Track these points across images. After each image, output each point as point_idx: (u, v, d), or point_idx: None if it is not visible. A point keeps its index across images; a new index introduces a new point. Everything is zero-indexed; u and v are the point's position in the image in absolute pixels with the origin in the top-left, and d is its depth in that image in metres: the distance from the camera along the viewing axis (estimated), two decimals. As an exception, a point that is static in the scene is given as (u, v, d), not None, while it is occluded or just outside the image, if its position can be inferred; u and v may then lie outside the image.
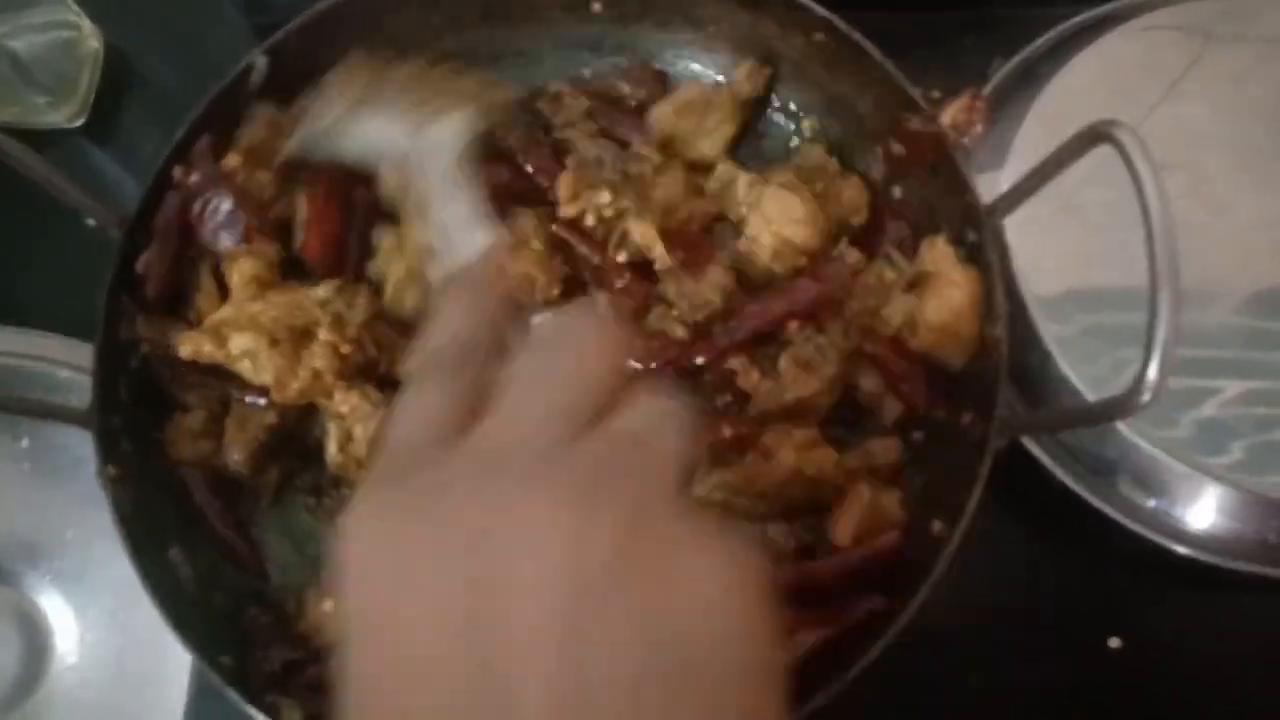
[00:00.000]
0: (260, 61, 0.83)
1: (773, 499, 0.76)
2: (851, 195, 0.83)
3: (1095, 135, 0.65)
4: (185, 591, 0.75)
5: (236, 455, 0.80)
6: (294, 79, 0.85)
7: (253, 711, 0.68)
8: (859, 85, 0.83)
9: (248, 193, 0.81)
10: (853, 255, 0.81)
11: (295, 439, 0.82)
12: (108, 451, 0.74)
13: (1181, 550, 0.81)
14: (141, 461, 0.77)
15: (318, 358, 0.75)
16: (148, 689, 0.97)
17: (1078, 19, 0.96)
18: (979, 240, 0.75)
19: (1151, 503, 0.83)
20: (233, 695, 0.68)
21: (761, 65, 0.88)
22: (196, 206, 0.79)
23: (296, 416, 0.81)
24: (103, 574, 1.02)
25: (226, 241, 0.79)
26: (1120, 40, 0.92)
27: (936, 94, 0.90)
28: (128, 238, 0.79)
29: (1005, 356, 0.72)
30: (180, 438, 0.80)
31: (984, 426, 0.71)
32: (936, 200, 0.80)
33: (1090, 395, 0.80)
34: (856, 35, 0.79)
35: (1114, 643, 0.86)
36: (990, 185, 0.81)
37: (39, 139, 1.10)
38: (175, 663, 0.94)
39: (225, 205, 0.79)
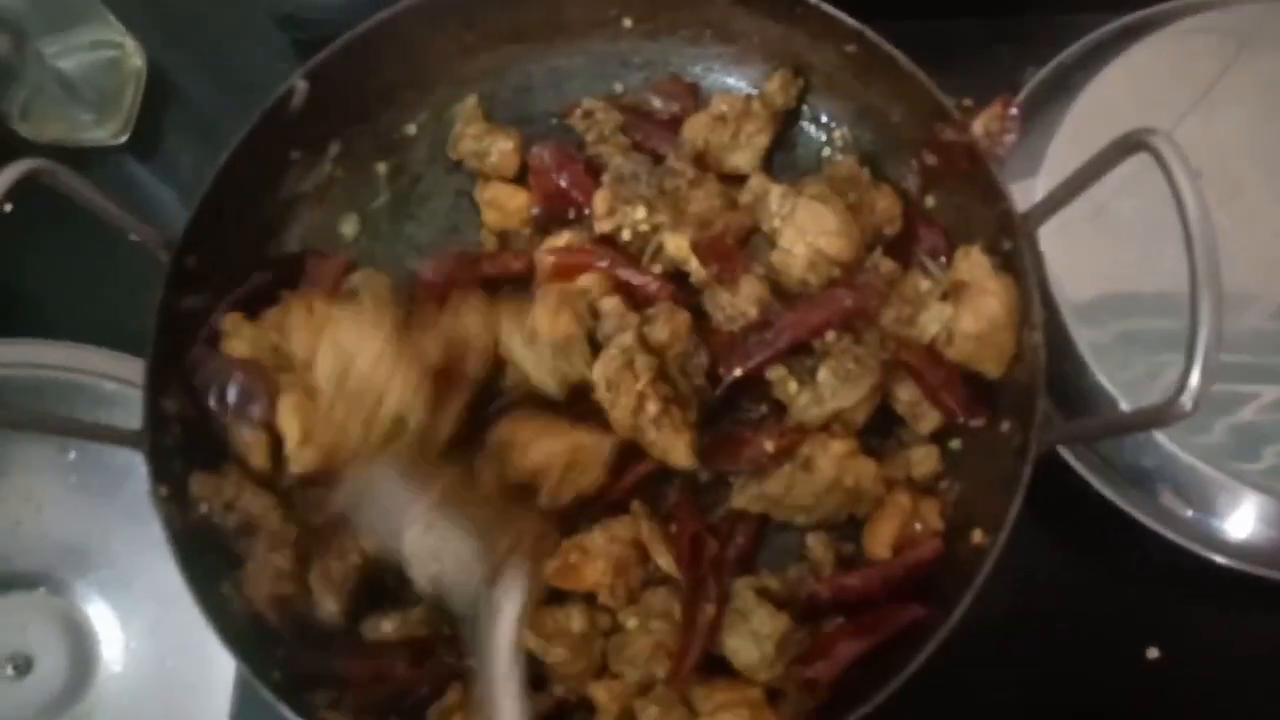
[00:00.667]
0: (301, 85, 0.85)
1: (811, 509, 0.76)
2: (885, 205, 0.84)
3: (1132, 144, 0.65)
4: (235, 609, 0.76)
5: (331, 607, 0.77)
6: (334, 104, 0.88)
7: (304, 725, 0.68)
8: (891, 95, 0.84)
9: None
10: (887, 265, 0.81)
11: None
12: (159, 471, 0.75)
13: (1220, 560, 0.81)
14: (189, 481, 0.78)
15: None
16: (192, 697, 0.99)
17: (1109, 27, 0.96)
18: (1014, 248, 0.75)
19: (1189, 512, 0.83)
20: (284, 711, 0.69)
21: (794, 76, 0.89)
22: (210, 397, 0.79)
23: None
24: (148, 583, 1.04)
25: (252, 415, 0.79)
26: (1151, 48, 0.92)
27: (968, 103, 0.89)
28: (175, 260, 0.80)
29: (1044, 364, 0.72)
30: (260, 575, 0.77)
31: (1023, 434, 0.71)
32: (971, 209, 0.81)
33: (1126, 403, 0.80)
34: (888, 46, 0.80)
35: (1152, 653, 0.85)
36: (1024, 193, 0.81)
37: (83, 155, 1.13)
38: (219, 671, 0.95)
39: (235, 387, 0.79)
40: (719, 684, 0.73)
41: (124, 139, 1.15)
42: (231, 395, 0.78)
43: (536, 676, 0.76)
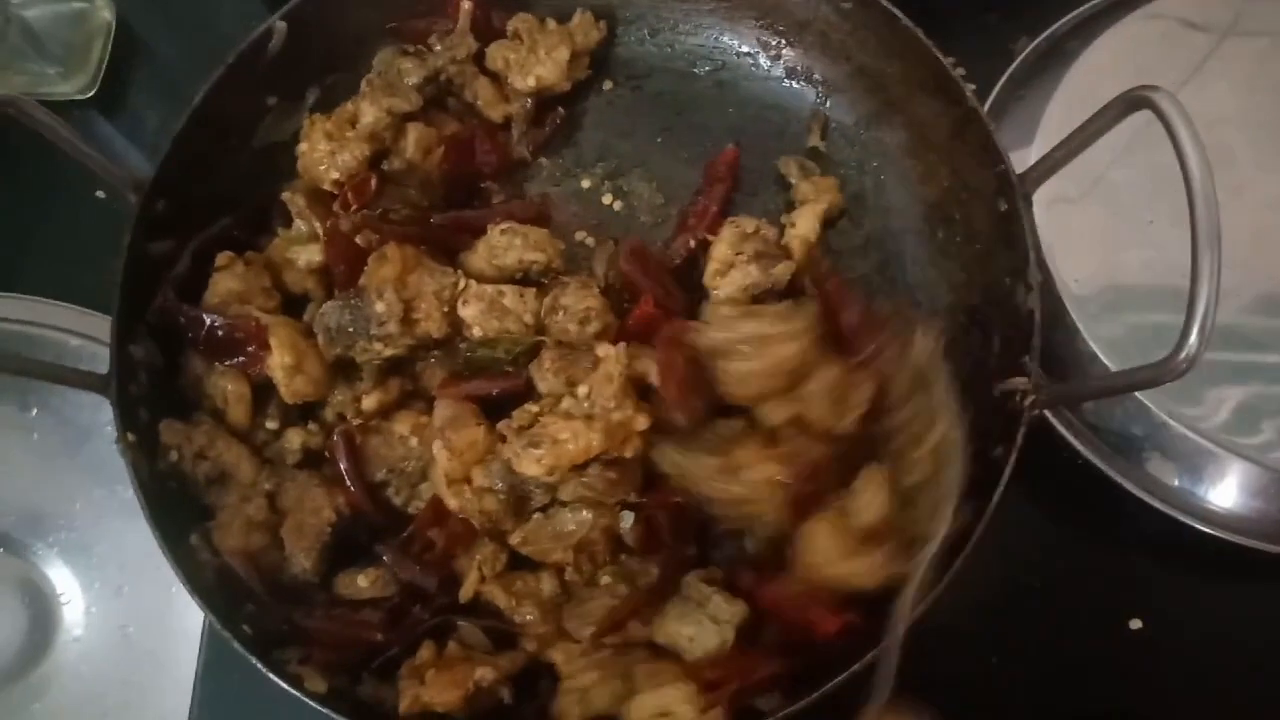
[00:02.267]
0: (280, 27, 0.82)
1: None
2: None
3: (1134, 101, 0.64)
4: (204, 559, 0.73)
5: (304, 562, 0.75)
6: (312, 50, 0.85)
7: (276, 679, 0.66)
8: (886, 55, 0.83)
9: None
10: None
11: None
12: (126, 418, 0.72)
13: (1205, 529, 0.81)
14: (156, 430, 0.75)
15: None
16: (155, 664, 0.96)
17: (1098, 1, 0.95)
18: (1011, 210, 0.74)
19: (1176, 481, 0.82)
20: (256, 664, 0.66)
21: (596, 20, 0.90)
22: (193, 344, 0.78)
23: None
24: (110, 548, 1.01)
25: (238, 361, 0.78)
26: (1144, 20, 0.91)
27: (960, 70, 0.89)
28: (144, 202, 0.77)
29: (1039, 326, 0.71)
30: (231, 526, 0.76)
31: (1018, 397, 0.70)
32: (967, 171, 0.80)
33: (1116, 369, 0.80)
34: (887, 3, 0.79)
35: (1135, 623, 0.85)
36: (1019, 162, 0.79)
37: (48, 109, 1.10)
38: (183, 637, 0.93)
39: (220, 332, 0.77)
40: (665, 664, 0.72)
41: (90, 94, 1.11)
42: (216, 341, 0.75)
43: (507, 635, 0.76)
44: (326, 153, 0.82)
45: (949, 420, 0.70)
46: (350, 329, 0.74)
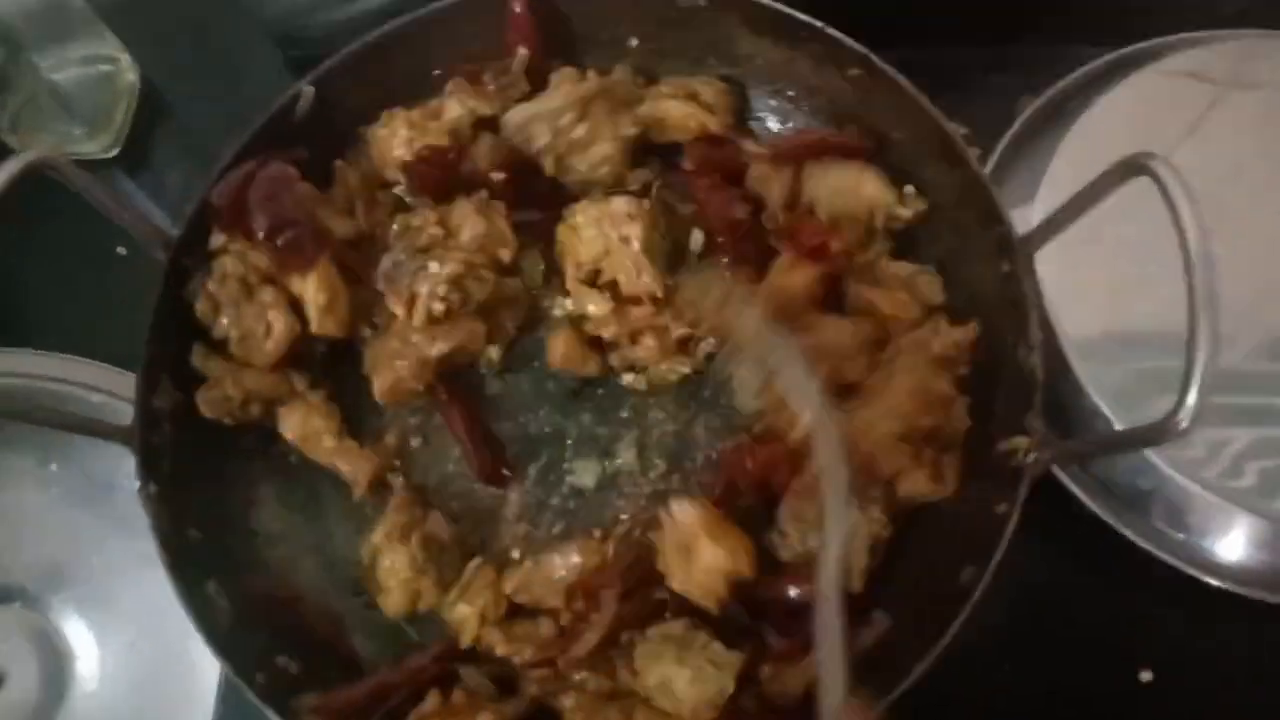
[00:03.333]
0: (307, 91, 0.85)
1: None
2: None
3: (1132, 168, 0.66)
4: (220, 611, 0.74)
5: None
6: (339, 113, 0.88)
7: (290, 731, 0.67)
8: (893, 120, 0.85)
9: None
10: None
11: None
12: (149, 469, 0.74)
13: (1213, 582, 0.82)
14: (182, 481, 0.77)
15: None
16: (170, 713, 0.96)
17: (1103, 59, 0.98)
18: (1012, 271, 0.76)
19: (1183, 535, 0.83)
20: (269, 715, 0.67)
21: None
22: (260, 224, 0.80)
23: None
24: (126, 602, 1.02)
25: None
26: (1144, 80, 0.94)
27: (965, 131, 0.91)
28: (173, 260, 0.79)
29: (1040, 384, 0.72)
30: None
31: (1020, 455, 0.71)
32: (968, 232, 0.81)
33: (1120, 425, 0.81)
34: (892, 71, 0.81)
35: (1145, 675, 0.86)
36: (1020, 220, 0.81)
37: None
38: (198, 693, 0.94)
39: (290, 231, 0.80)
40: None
41: (114, 153, 1.14)
42: (282, 235, 0.79)
43: (510, 680, 0.77)
44: (405, 138, 0.85)
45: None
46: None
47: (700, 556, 0.75)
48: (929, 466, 0.74)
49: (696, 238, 0.88)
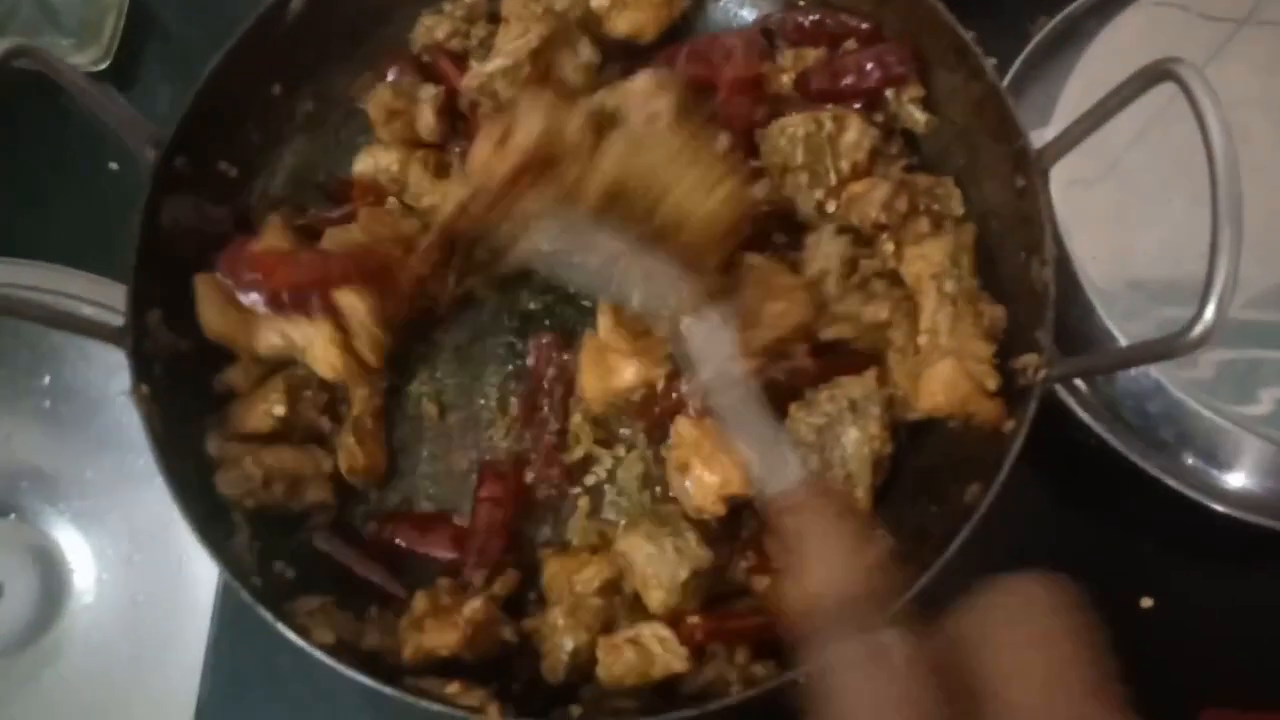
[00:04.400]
0: (298, -3, 0.82)
1: None
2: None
3: (1156, 74, 0.64)
4: (215, 507, 0.74)
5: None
6: (333, 17, 0.85)
7: (284, 630, 0.66)
8: (908, 27, 0.82)
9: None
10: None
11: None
12: (141, 372, 0.73)
13: (1219, 508, 0.80)
14: (173, 386, 0.76)
15: None
16: (165, 632, 0.96)
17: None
18: (1028, 186, 0.74)
19: (1189, 460, 0.82)
20: (264, 615, 0.67)
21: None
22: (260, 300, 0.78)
23: None
24: (121, 517, 1.01)
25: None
26: (1161, 5, 0.91)
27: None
28: (164, 157, 0.77)
29: (1053, 299, 0.71)
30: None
31: (1030, 372, 0.70)
32: (981, 146, 0.80)
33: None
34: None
35: (1146, 602, 0.85)
36: (1035, 142, 0.80)
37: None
38: (194, 606, 0.93)
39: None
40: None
41: (103, 67, 1.11)
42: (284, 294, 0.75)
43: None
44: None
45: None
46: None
47: (698, 476, 0.74)
48: (997, 400, 0.73)
49: (722, 140, 0.82)
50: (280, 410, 0.78)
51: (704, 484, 0.74)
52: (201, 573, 0.95)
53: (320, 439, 0.81)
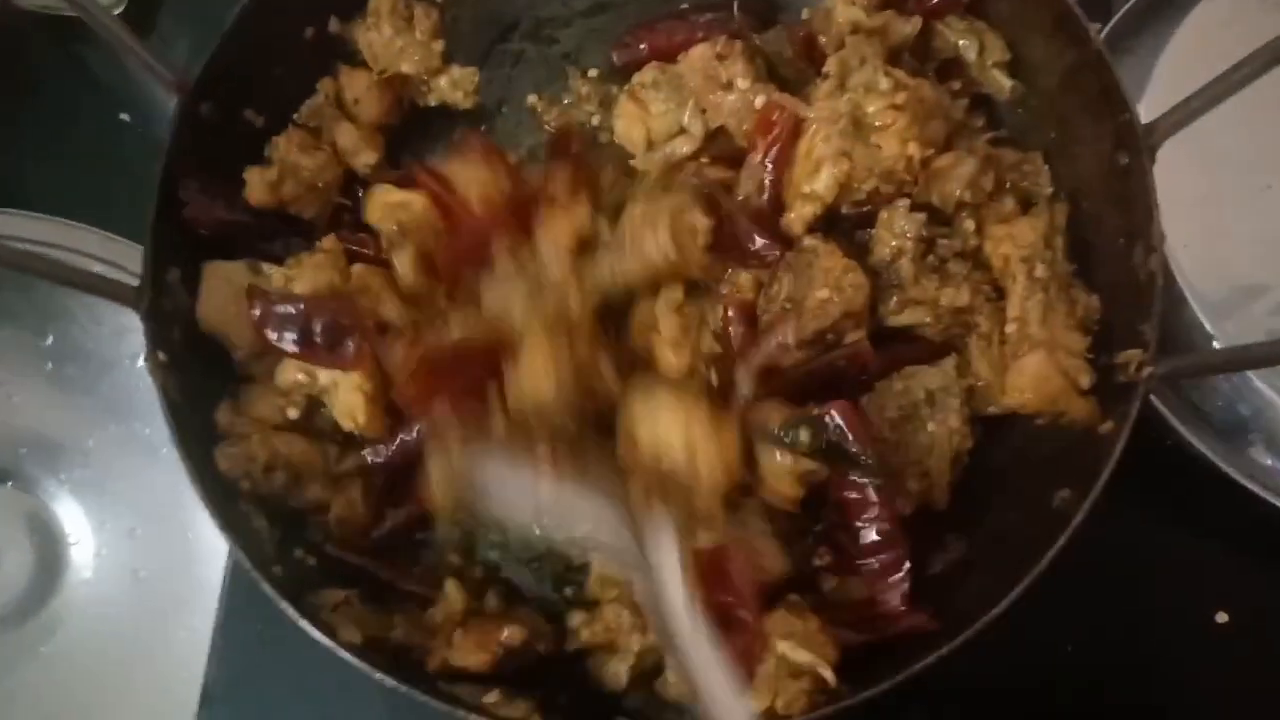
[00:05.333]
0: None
1: None
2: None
3: (1288, 49, 0.58)
4: (233, 491, 0.68)
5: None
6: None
7: (308, 628, 0.61)
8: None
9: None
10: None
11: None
12: (157, 337, 0.66)
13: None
14: (192, 353, 0.70)
15: None
16: (169, 610, 0.90)
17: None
18: (1132, 164, 0.68)
19: (1270, 461, 0.77)
20: (286, 610, 0.61)
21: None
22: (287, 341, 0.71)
23: None
24: (125, 487, 0.95)
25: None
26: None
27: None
28: (188, 100, 0.71)
29: (1160, 290, 0.65)
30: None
31: (1133, 369, 0.64)
32: (1075, 122, 0.73)
33: (1222, 342, 0.74)
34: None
35: (1221, 617, 0.80)
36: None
37: (75, 24, 1.03)
38: (200, 584, 0.87)
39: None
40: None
41: (119, 10, 1.04)
42: (318, 334, 0.69)
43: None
44: None
45: None
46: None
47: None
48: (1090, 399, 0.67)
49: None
50: (294, 414, 0.72)
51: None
52: (209, 549, 0.89)
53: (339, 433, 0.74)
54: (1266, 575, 0.81)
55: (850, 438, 0.64)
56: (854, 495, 0.67)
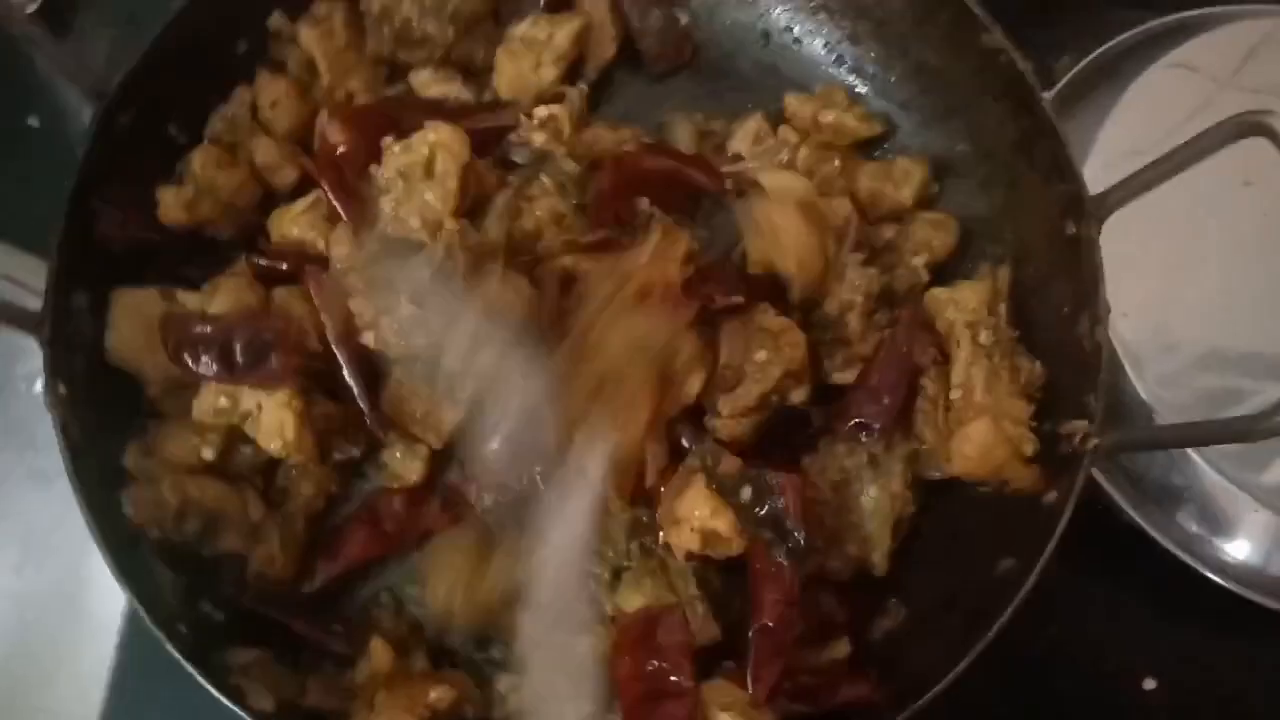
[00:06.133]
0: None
1: None
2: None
3: (1247, 126, 0.58)
4: (135, 538, 0.63)
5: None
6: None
7: (216, 693, 0.56)
8: (947, 52, 0.76)
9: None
10: None
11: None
12: (58, 365, 0.61)
13: (1220, 581, 0.76)
14: (96, 386, 0.64)
15: None
16: (60, 655, 0.83)
17: (1159, 21, 0.90)
18: (1079, 234, 0.68)
19: (1206, 535, 0.78)
20: (194, 674, 0.56)
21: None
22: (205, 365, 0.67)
23: None
24: (13, 522, 0.87)
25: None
26: (1205, 46, 0.86)
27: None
28: (104, 112, 0.66)
29: (1105, 361, 0.65)
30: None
31: (1078, 440, 0.64)
32: (1026, 188, 0.74)
33: (1163, 416, 0.75)
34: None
35: (1149, 684, 0.80)
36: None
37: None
38: (94, 626, 0.81)
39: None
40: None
41: (32, 9, 0.97)
42: (239, 353, 0.64)
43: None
44: None
45: None
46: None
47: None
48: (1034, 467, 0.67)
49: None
50: (209, 454, 0.67)
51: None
52: (105, 589, 0.82)
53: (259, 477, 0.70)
54: (1193, 642, 0.82)
55: (790, 515, 0.62)
56: (765, 567, 0.64)
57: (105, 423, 0.64)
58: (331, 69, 0.76)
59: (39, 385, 0.84)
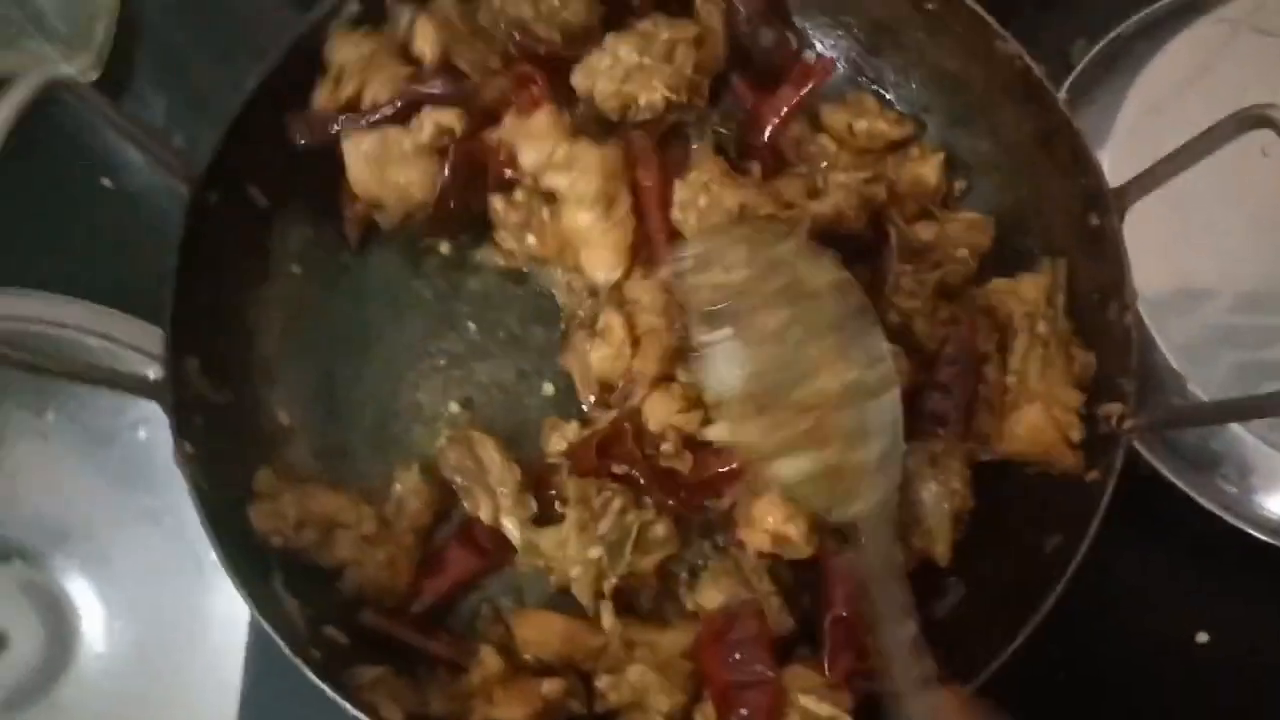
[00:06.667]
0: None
1: None
2: None
3: (1251, 120, 0.62)
4: (264, 570, 0.70)
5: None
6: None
7: (350, 709, 0.63)
8: (966, 58, 0.80)
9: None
10: None
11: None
12: (182, 427, 0.68)
13: (1268, 539, 0.80)
14: (214, 439, 0.71)
15: None
16: (188, 682, 0.91)
17: (1164, 3, 0.93)
18: (1101, 226, 0.72)
19: (1248, 494, 0.82)
20: (328, 692, 0.63)
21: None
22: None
23: None
24: (132, 560, 0.95)
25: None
26: (1216, 26, 0.89)
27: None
28: (198, 193, 0.72)
29: (1137, 345, 0.69)
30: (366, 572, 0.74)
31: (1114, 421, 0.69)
32: (1046, 182, 0.78)
33: (1202, 393, 0.79)
34: (971, 2, 0.76)
35: (1202, 637, 0.85)
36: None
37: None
38: (217, 652, 0.88)
39: None
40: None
41: (93, 77, 1.04)
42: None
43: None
44: None
45: None
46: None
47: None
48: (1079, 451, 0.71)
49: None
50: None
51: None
52: (225, 617, 0.90)
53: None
54: (1241, 595, 0.86)
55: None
56: (837, 566, 0.71)
57: (226, 475, 0.71)
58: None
59: (143, 432, 0.94)
